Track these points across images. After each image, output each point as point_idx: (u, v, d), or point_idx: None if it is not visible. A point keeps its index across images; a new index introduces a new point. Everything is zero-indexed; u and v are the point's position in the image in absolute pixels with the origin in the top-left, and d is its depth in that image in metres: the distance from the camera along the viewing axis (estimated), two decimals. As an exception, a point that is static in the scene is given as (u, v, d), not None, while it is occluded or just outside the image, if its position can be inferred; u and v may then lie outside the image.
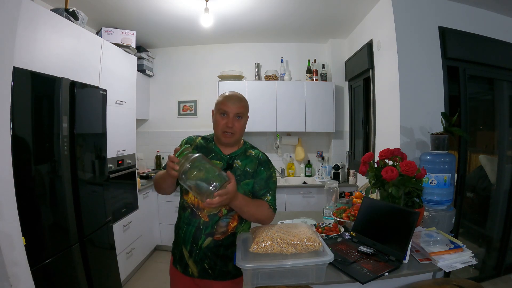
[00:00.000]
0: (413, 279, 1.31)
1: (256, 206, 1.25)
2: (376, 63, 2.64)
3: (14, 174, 1.44)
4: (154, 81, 3.87)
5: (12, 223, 1.45)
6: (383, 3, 2.41)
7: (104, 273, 2.20)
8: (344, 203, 2.06)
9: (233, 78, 3.51)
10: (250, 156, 1.33)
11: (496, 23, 2.45)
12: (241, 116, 1.27)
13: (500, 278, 2.61)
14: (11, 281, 1.44)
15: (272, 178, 1.35)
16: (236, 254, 1.19)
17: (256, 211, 1.25)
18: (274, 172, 1.37)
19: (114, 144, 2.55)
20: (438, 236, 1.43)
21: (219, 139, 1.29)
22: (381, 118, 2.55)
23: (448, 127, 1.90)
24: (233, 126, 1.24)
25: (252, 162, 1.32)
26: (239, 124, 1.26)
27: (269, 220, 1.31)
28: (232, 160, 1.30)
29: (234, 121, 1.24)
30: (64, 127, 1.81)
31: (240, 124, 1.26)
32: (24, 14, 1.56)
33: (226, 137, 1.26)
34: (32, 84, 1.59)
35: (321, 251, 1.21)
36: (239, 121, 1.26)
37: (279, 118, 3.45)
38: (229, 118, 1.24)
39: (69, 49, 1.99)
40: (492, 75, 2.59)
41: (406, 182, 1.52)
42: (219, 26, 3.10)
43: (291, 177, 3.68)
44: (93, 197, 2.13)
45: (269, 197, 1.31)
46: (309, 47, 3.77)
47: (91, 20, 2.72)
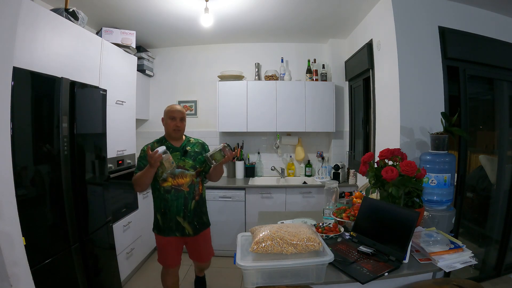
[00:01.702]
0: (413, 279, 1.31)
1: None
2: (376, 63, 2.64)
3: (14, 174, 1.44)
4: (154, 81, 3.87)
5: (12, 223, 1.45)
6: (383, 3, 2.41)
7: (104, 273, 2.20)
8: (344, 203, 2.06)
9: (233, 78, 3.51)
10: (193, 142, 2.06)
11: (496, 23, 2.45)
12: (183, 120, 1.99)
13: (500, 278, 2.61)
14: (11, 281, 1.44)
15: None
16: (236, 254, 1.20)
17: (221, 168, 2.01)
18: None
19: (114, 144, 2.55)
20: (438, 236, 1.43)
21: (170, 135, 1.98)
22: (381, 118, 2.55)
23: (448, 127, 1.90)
24: (180, 125, 1.96)
25: (196, 145, 2.05)
26: (182, 124, 1.99)
27: (221, 174, 2.07)
28: (184, 148, 1.99)
29: (180, 122, 1.97)
30: (64, 127, 1.81)
31: (183, 124, 1.99)
32: (24, 14, 1.56)
33: (175, 133, 1.96)
34: (32, 84, 1.59)
35: (321, 251, 1.21)
36: (183, 122, 1.99)
37: (279, 118, 3.45)
38: (176, 120, 1.95)
39: (69, 49, 1.99)
40: (492, 75, 2.59)
41: (406, 182, 1.52)
42: (219, 26, 3.10)
43: (291, 177, 3.68)
44: (93, 197, 2.13)
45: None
46: (309, 47, 3.77)
47: (91, 20, 2.72)
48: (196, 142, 2.07)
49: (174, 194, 1.91)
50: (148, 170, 1.76)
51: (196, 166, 1.96)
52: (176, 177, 1.91)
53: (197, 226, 2.00)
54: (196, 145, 2.04)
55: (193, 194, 1.95)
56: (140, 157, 1.93)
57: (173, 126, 1.94)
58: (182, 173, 1.92)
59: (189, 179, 1.93)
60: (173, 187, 1.91)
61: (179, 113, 1.97)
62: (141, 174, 1.81)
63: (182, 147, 1.98)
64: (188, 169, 1.93)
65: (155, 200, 1.99)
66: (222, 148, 1.85)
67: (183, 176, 1.92)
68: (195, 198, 1.97)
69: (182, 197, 1.92)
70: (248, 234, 1.39)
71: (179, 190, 1.91)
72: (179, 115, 1.96)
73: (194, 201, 1.96)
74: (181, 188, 1.92)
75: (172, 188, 1.91)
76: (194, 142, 2.05)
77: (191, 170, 1.94)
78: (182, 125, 1.97)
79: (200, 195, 2.02)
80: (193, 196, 1.95)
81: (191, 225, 1.97)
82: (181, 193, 1.92)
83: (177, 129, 1.95)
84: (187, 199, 1.93)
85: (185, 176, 1.92)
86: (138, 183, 1.85)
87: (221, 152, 1.85)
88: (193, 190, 1.96)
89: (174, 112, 1.96)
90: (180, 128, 1.96)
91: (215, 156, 1.85)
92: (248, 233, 1.41)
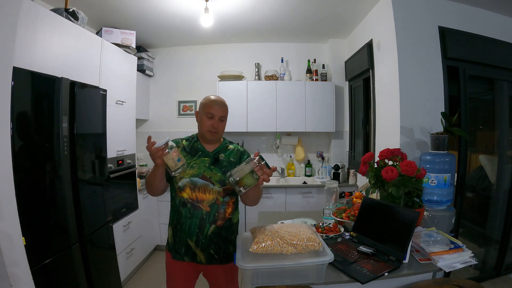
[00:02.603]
0: (413, 279, 1.31)
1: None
2: (376, 63, 2.64)
3: (14, 174, 1.44)
4: (154, 81, 3.87)
5: (12, 223, 1.45)
6: (383, 3, 2.41)
7: (104, 273, 2.20)
8: (344, 203, 2.06)
9: (233, 78, 3.51)
10: (231, 149, 1.54)
11: (496, 23, 2.45)
12: (224, 119, 1.49)
13: (500, 278, 2.61)
14: (11, 281, 1.44)
15: None
16: (236, 254, 1.20)
17: (259, 189, 1.45)
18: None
19: (114, 144, 2.55)
20: (438, 236, 1.43)
21: (204, 137, 1.48)
22: (381, 118, 2.55)
23: (448, 127, 1.90)
24: (217, 126, 1.45)
25: (234, 153, 1.53)
26: (222, 125, 1.49)
27: (261, 196, 1.52)
28: (217, 155, 1.49)
29: (219, 123, 1.46)
30: (64, 127, 1.80)
31: (223, 125, 1.49)
32: (24, 14, 1.56)
33: (211, 135, 1.46)
34: (32, 84, 1.59)
35: (321, 251, 1.21)
36: (222, 122, 1.49)
37: (279, 118, 3.45)
38: (214, 120, 1.45)
39: (69, 49, 1.99)
40: (492, 75, 2.59)
41: (406, 182, 1.52)
42: (219, 26, 3.10)
43: (291, 177, 3.68)
44: (93, 197, 2.13)
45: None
46: (309, 47, 3.77)
47: (91, 20, 2.72)
48: (235, 149, 1.54)
49: (190, 210, 1.42)
50: (154, 169, 1.35)
51: (225, 181, 1.41)
52: (196, 190, 1.42)
53: (215, 256, 1.45)
54: (234, 153, 1.52)
55: (215, 217, 1.43)
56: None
57: (208, 127, 1.43)
58: (205, 186, 1.41)
59: (212, 196, 1.42)
60: (190, 201, 1.42)
61: (220, 109, 1.46)
62: (150, 174, 1.41)
63: (215, 152, 1.49)
64: (214, 182, 1.42)
65: (171, 209, 1.55)
66: (253, 168, 1.20)
67: (206, 191, 1.42)
68: (217, 223, 1.43)
69: (199, 217, 1.42)
70: (248, 234, 1.39)
71: (197, 207, 1.42)
72: (219, 113, 1.45)
73: (214, 225, 1.43)
74: (199, 206, 1.42)
75: (189, 203, 1.42)
76: (232, 149, 1.53)
77: (218, 185, 1.42)
78: (220, 127, 1.47)
79: (227, 220, 1.47)
80: (214, 219, 1.42)
81: (204, 253, 1.45)
82: (198, 212, 1.42)
83: (213, 131, 1.44)
84: (204, 221, 1.42)
85: (208, 191, 1.42)
86: (147, 183, 1.45)
87: (253, 174, 1.20)
88: (216, 211, 1.43)
89: (212, 108, 1.44)
90: (217, 130, 1.45)
91: (244, 180, 1.21)
92: (248, 233, 1.41)
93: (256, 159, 1.22)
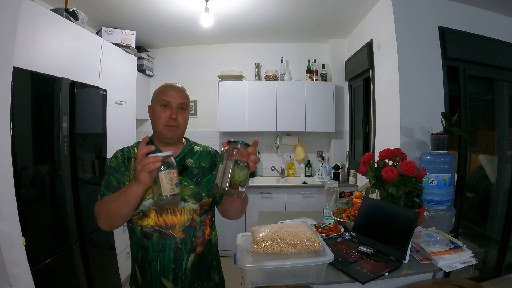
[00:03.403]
0: (413, 279, 1.31)
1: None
2: (376, 63, 2.64)
3: (14, 174, 1.44)
4: (154, 81, 3.87)
5: (12, 223, 1.45)
6: (383, 3, 2.41)
7: (104, 273, 2.20)
8: (344, 203, 2.06)
9: (233, 78, 3.51)
10: (198, 151, 1.19)
11: (496, 23, 2.45)
12: (185, 108, 1.11)
13: (500, 278, 2.61)
14: (11, 281, 1.44)
15: None
16: (236, 254, 1.19)
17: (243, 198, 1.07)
18: None
19: (114, 144, 2.55)
20: (438, 236, 1.43)
21: (161, 135, 1.09)
22: (381, 118, 2.55)
23: (448, 127, 1.90)
24: (177, 117, 1.08)
25: (204, 156, 1.18)
26: (182, 117, 1.10)
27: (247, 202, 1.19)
28: (183, 161, 1.13)
29: (179, 112, 1.09)
30: (64, 127, 1.81)
31: (183, 117, 1.11)
32: (24, 14, 1.56)
33: (170, 131, 1.07)
34: (32, 84, 1.60)
35: (321, 251, 1.21)
36: (183, 113, 1.10)
37: (279, 118, 3.45)
38: (172, 109, 1.08)
39: (69, 49, 1.99)
40: (492, 75, 2.59)
41: (406, 182, 1.52)
42: (219, 26, 3.10)
43: (291, 177, 3.68)
44: (93, 197, 2.13)
45: None
46: (309, 47, 3.77)
47: (91, 20, 2.72)
48: (203, 151, 1.20)
49: (159, 241, 1.05)
50: (130, 188, 0.90)
51: (200, 194, 1.10)
52: (164, 212, 1.05)
53: None
54: (204, 156, 1.18)
55: (192, 243, 1.08)
56: (111, 168, 1.08)
57: (165, 119, 1.07)
58: (174, 205, 1.06)
59: (186, 217, 1.07)
60: (157, 229, 1.05)
61: (177, 95, 1.09)
62: (113, 197, 0.97)
63: (180, 158, 1.13)
64: (186, 198, 1.07)
65: (131, 244, 1.14)
66: (235, 158, 0.93)
67: (176, 211, 1.06)
68: (196, 251, 1.09)
69: (172, 247, 1.05)
70: (248, 234, 1.39)
71: (167, 235, 1.05)
72: (176, 99, 1.08)
73: (193, 254, 1.09)
74: (171, 233, 1.05)
75: (156, 231, 1.05)
76: (199, 151, 1.19)
77: (192, 201, 1.08)
78: (181, 119, 1.09)
79: (206, 243, 1.14)
80: (192, 247, 1.08)
81: None
82: (171, 242, 1.05)
83: (172, 125, 1.07)
84: (180, 252, 1.06)
85: (180, 212, 1.06)
86: (106, 213, 0.99)
87: (239, 164, 0.93)
88: (192, 236, 1.08)
89: (167, 94, 1.09)
90: (178, 123, 1.08)
91: (236, 177, 0.93)
92: (248, 233, 1.41)
93: (229, 147, 0.94)
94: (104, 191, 1.05)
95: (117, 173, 1.07)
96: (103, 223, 1.03)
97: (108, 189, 1.05)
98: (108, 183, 1.06)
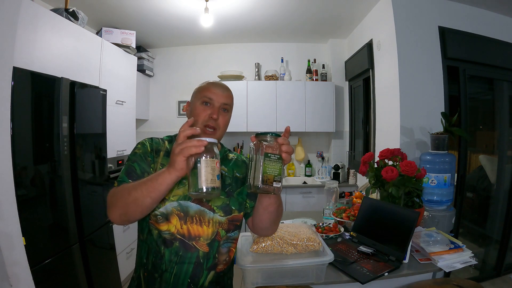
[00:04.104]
0: (413, 279, 1.31)
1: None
2: (376, 63, 2.64)
3: (14, 174, 1.44)
4: (154, 81, 3.87)
5: (12, 223, 1.45)
6: (383, 3, 2.41)
7: (104, 273, 2.20)
8: (344, 203, 2.06)
9: (233, 78, 3.51)
10: (233, 159, 1.08)
11: (496, 23, 2.45)
12: (228, 109, 1.00)
13: (500, 278, 2.61)
14: (11, 281, 1.44)
15: None
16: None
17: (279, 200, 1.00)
18: None
19: (114, 144, 2.55)
20: (438, 236, 1.43)
21: (197, 136, 0.92)
22: (381, 118, 2.55)
23: (448, 127, 1.90)
24: (218, 118, 0.96)
25: (239, 165, 1.06)
26: (224, 119, 0.98)
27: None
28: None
29: (220, 113, 0.97)
30: (64, 127, 1.81)
31: (225, 119, 0.99)
32: (24, 14, 1.56)
33: (207, 134, 0.94)
34: (32, 84, 1.59)
35: (321, 251, 1.21)
36: (225, 114, 0.99)
37: (279, 118, 3.45)
38: (214, 108, 0.96)
39: (69, 49, 1.99)
40: (492, 75, 2.59)
41: (406, 182, 1.52)
42: (219, 26, 3.10)
43: (291, 177, 3.68)
44: (93, 197, 2.13)
45: None
46: (309, 47, 3.77)
47: (91, 20, 2.72)
48: (238, 159, 1.09)
49: (178, 251, 0.93)
50: (161, 175, 0.79)
51: (230, 208, 0.98)
52: (189, 220, 0.93)
53: None
54: (238, 165, 1.07)
55: (215, 259, 0.96)
56: (136, 155, 0.96)
57: (204, 118, 0.95)
58: (201, 215, 0.94)
59: (211, 229, 0.95)
60: (179, 238, 0.93)
61: (222, 94, 0.99)
62: (136, 184, 0.83)
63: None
64: (214, 209, 0.96)
65: (141, 248, 0.99)
66: (265, 152, 0.84)
67: (202, 222, 0.94)
68: (217, 268, 0.97)
69: (193, 261, 0.93)
70: (248, 234, 1.39)
71: (190, 247, 0.93)
72: (220, 98, 0.98)
73: (213, 272, 0.97)
74: (194, 245, 0.94)
75: (177, 240, 0.93)
76: (234, 159, 1.08)
77: (219, 213, 0.96)
78: (222, 121, 0.98)
79: (230, 263, 1.03)
80: (213, 264, 0.96)
81: None
82: (192, 254, 0.93)
83: (212, 126, 0.96)
84: (201, 267, 0.94)
85: (206, 223, 0.94)
86: (123, 200, 0.83)
87: (271, 156, 0.84)
88: (216, 252, 0.96)
89: (211, 91, 0.98)
90: (217, 125, 0.97)
91: (269, 171, 0.82)
92: (248, 233, 1.41)
93: (257, 140, 0.87)
94: (124, 177, 0.92)
95: (143, 161, 0.95)
96: (116, 212, 0.84)
97: (129, 176, 0.92)
98: (131, 170, 0.93)
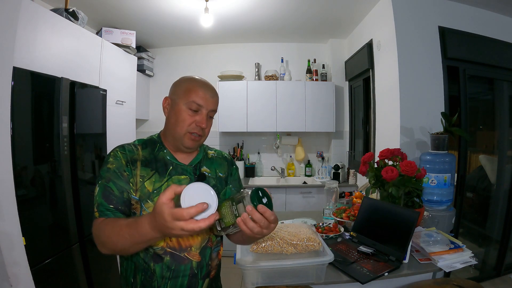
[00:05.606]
0: (413, 279, 1.31)
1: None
2: (376, 63, 2.64)
3: (14, 174, 1.44)
4: (154, 81, 3.87)
5: (12, 223, 1.45)
6: (383, 3, 2.41)
7: (104, 273, 2.20)
8: (344, 203, 2.06)
9: (233, 78, 3.51)
10: (213, 157, 1.03)
11: (496, 23, 2.45)
12: (212, 116, 0.96)
13: (500, 278, 2.61)
14: (11, 281, 1.44)
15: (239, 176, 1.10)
16: (236, 254, 1.20)
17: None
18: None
19: (114, 144, 2.51)
20: (438, 236, 1.43)
21: (180, 141, 0.91)
22: (381, 118, 2.55)
23: (448, 127, 1.90)
24: (206, 125, 0.92)
25: (220, 164, 1.02)
26: (209, 125, 0.95)
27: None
28: (198, 169, 0.97)
29: (207, 121, 0.93)
30: (64, 127, 1.81)
31: (210, 125, 0.96)
32: (24, 14, 1.56)
33: (192, 140, 0.91)
34: (32, 84, 1.59)
35: (321, 251, 1.21)
36: (210, 121, 0.96)
37: (279, 118, 3.45)
38: (202, 115, 0.90)
39: (69, 49, 1.99)
40: (492, 75, 2.59)
41: (406, 182, 1.52)
42: (219, 26, 3.10)
43: (291, 177, 3.68)
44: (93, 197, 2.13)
45: None
46: (309, 47, 3.77)
47: (91, 20, 2.72)
48: (218, 156, 1.05)
49: (170, 266, 0.88)
50: (147, 234, 0.70)
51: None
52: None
53: None
54: (219, 163, 1.03)
55: (208, 267, 0.94)
56: (110, 172, 0.89)
57: (190, 126, 0.90)
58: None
59: (202, 236, 0.93)
60: (170, 252, 0.89)
61: (211, 101, 0.93)
62: (120, 232, 0.75)
63: (194, 165, 0.97)
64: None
65: (126, 264, 0.94)
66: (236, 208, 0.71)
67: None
68: (210, 275, 0.96)
69: (187, 274, 0.90)
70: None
71: (182, 259, 0.89)
72: (210, 105, 0.92)
73: (208, 280, 0.95)
74: (186, 256, 0.90)
75: (167, 254, 0.89)
76: (214, 157, 1.04)
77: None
78: (208, 128, 0.95)
79: (219, 264, 1.02)
80: (207, 272, 0.94)
81: None
82: (186, 266, 0.90)
83: (198, 134, 0.92)
84: (195, 278, 0.91)
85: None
86: (111, 246, 0.79)
87: (237, 202, 0.71)
88: (209, 259, 0.94)
89: (200, 96, 0.91)
90: (203, 133, 0.93)
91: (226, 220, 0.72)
92: (248, 233, 1.41)
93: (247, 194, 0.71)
94: (102, 203, 0.85)
95: (118, 179, 0.87)
96: (107, 252, 0.81)
97: (108, 200, 0.85)
98: (107, 193, 0.85)
